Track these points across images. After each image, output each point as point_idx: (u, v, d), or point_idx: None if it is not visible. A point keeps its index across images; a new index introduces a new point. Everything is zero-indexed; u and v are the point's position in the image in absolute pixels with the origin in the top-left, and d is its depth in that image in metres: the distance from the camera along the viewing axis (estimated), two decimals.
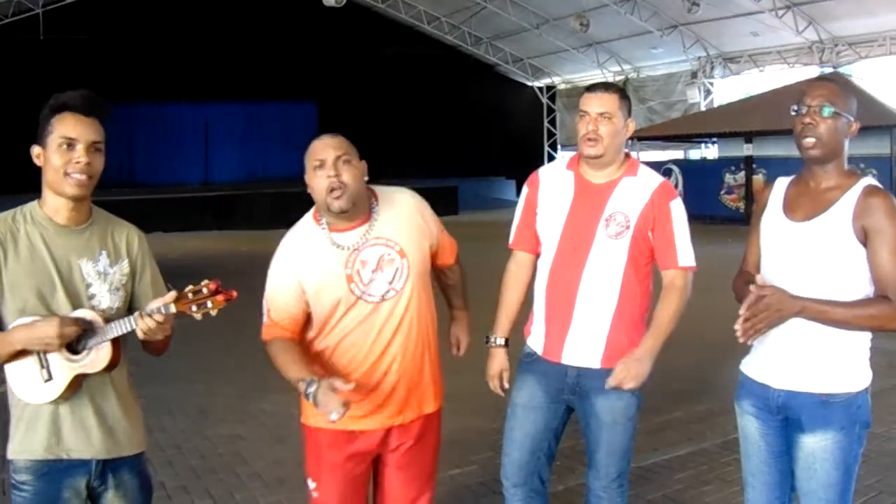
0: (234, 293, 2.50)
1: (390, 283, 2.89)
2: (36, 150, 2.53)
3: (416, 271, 2.94)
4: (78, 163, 2.47)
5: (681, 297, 3.18)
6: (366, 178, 2.90)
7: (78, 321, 2.45)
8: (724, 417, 5.75)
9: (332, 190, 2.76)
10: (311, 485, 3.04)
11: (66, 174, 2.48)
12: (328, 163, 2.77)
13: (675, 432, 5.73)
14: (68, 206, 2.55)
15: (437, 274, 3.26)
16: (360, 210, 2.88)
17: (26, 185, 2.75)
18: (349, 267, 2.85)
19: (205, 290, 2.44)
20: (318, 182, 2.79)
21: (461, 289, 3.36)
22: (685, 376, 6.82)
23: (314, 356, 2.95)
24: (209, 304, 2.43)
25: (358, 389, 2.85)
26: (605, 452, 3.23)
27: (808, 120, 2.72)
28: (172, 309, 2.43)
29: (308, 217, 2.97)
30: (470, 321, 3.38)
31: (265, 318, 2.95)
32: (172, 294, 2.45)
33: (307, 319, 2.95)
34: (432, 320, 3.08)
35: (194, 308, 2.43)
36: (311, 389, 2.68)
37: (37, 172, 2.56)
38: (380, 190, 3.01)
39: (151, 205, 20.09)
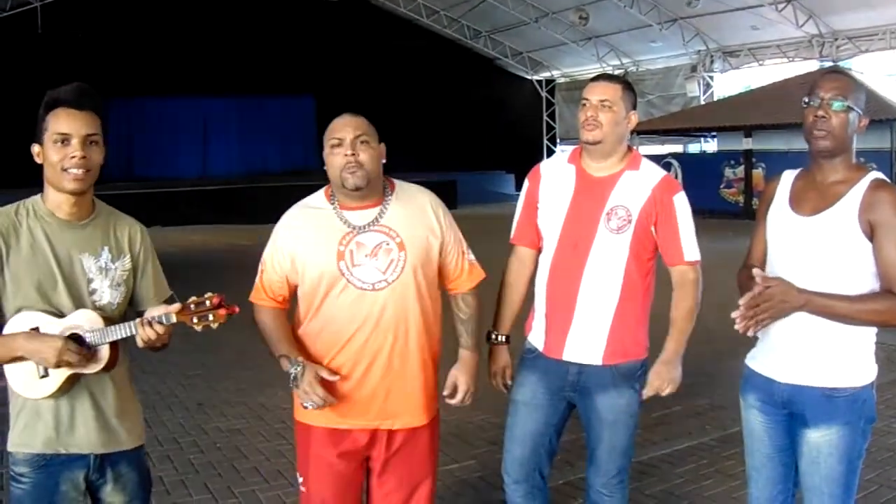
0: (237, 308, 2.51)
1: (383, 272, 2.83)
2: (35, 148, 2.53)
3: (415, 268, 2.87)
4: (73, 157, 2.46)
5: (695, 292, 3.17)
6: (383, 161, 2.92)
7: (82, 349, 2.44)
8: (725, 411, 5.76)
9: (347, 166, 2.77)
10: (300, 479, 3.02)
11: (64, 169, 2.47)
12: (346, 141, 2.79)
13: (674, 426, 5.73)
14: (69, 200, 2.54)
15: (451, 303, 3.15)
16: (372, 192, 2.88)
17: (25, 180, 2.74)
18: (343, 244, 2.83)
19: (207, 303, 2.45)
20: (334, 159, 2.81)
21: (474, 325, 3.15)
22: (685, 370, 6.74)
23: (300, 340, 2.94)
24: (210, 318, 2.44)
25: (341, 382, 2.84)
26: (607, 449, 3.22)
27: (820, 112, 2.69)
28: (173, 319, 2.44)
29: (320, 192, 2.98)
30: (477, 365, 3.15)
31: (257, 279, 2.98)
32: (177, 306, 2.45)
33: (293, 294, 2.96)
34: (434, 327, 3.00)
35: (195, 320, 2.44)
36: (296, 371, 2.76)
37: (35, 167, 2.56)
38: (399, 182, 3.01)
39: (150, 199, 20.02)
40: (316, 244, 2.85)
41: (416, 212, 2.95)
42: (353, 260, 2.82)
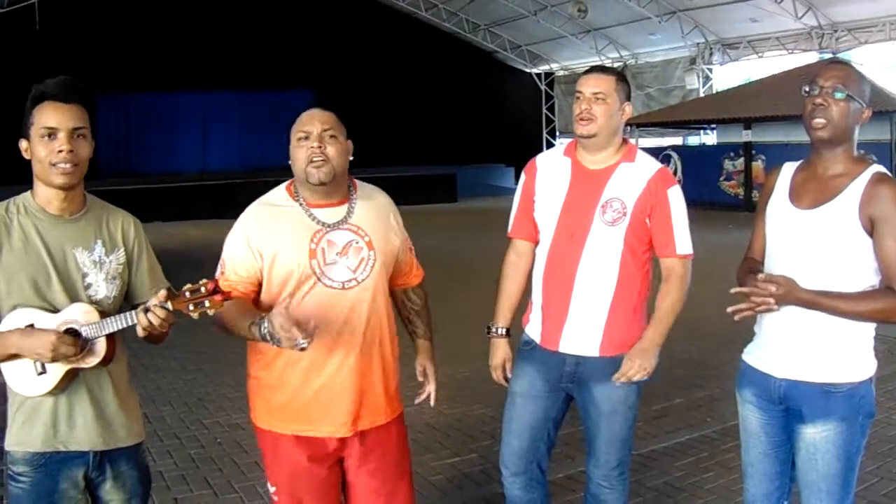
0: (233, 293, 2.46)
1: (354, 271, 2.77)
2: (23, 143, 2.51)
3: (382, 267, 2.83)
4: (60, 151, 2.44)
5: (681, 286, 3.16)
6: (351, 158, 2.81)
7: (77, 340, 2.42)
8: (724, 404, 5.76)
9: (312, 160, 2.69)
10: (271, 489, 2.89)
11: (52, 164, 2.45)
12: (313, 135, 2.71)
13: (674, 419, 5.73)
14: (59, 195, 2.52)
15: (399, 298, 3.12)
16: (338, 189, 2.80)
17: (22, 176, 2.72)
18: (314, 242, 2.73)
19: (202, 290, 2.40)
20: (300, 153, 2.72)
21: (426, 315, 3.17)
22: (685, 363, 6.81)
23: (263, 347, 2.75)
24: (206, 304, 2.39)
25: (307, 385, 2.76)
26: (605, 441, 3.22)
27: (819, 101, 2.66)
28: (169, 306, 2.40)
29: (280, 189, 2.86)
30: (434, 350, 3.19)
31: (217, 276, 2.76)
32: (163, 293, 2.40)
33: (257, 294, 2.80)
34: (391, 325, 2.93)
35: (191, 307, 2.39)
36: (265, 328, 2.51)
37: (30, 163, 2.54)
38: (358, 181, 2.93)
39: (149, 194, 20.02)
40: (287, 241, 2.73)
41: (379, 212, 2.91)
42: (324, 258, 2.74)
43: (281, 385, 2.80)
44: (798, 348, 2.72)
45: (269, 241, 2.74)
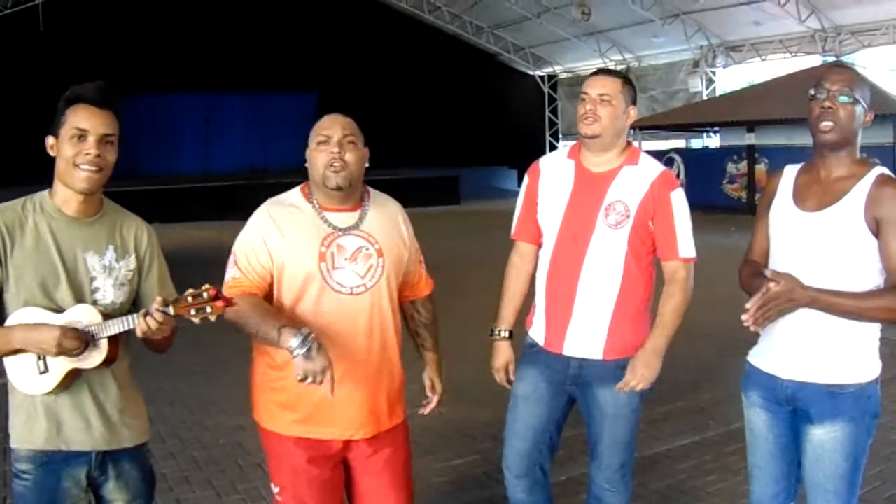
0: (235, 300, 2.48)
1: (362, 277, 2.78)
2: (50, 140, 2.51)
3: (390, 274, 2.84)
4: (88, 154, 2.45)
5: (684, 290, 3.15)
6: (366, 166, 2.85)
7: (81, 335, 2.42)
8: (728, 407, 5.75)
9: (331, 164, 2.71)
10: (275, 489, 2.88)
11: (76, 165, 2.46)
12: (333, 139, 2.73)
13: (678, 422, 5.72)
14: (78, 198, 2.53)
15: (408, 311, 3.13)
16: (353, 195, 2.83)
17: (26, 176, 2.72)
18: (325, 245, 2.75)
19: (205, 296, 2.40)
20: (319, 156, 2.74)
21: (434, 328, 3.18)
22: (688, 366, 6.80)
23: (270, 348, 2.75)
24: (208, 310, 2.40)
25: (314, 390, 2.63)
26: (608, 444, 3.22)
27: (827, 104, 2.67)
28: (171, 311, 2.40)
29: (296, 191, 2.87)
30: (441, 364, 3.20)
31: (232, 271, 2.77)
32: (159, 299, 2.40)
33: (270, 291, 2.79)
34: (397, 331, 2.94)
35: (193, 312, 2.40)
36: (307, 347, 2.48)
37: (37, 164, 2.54)
38: (371, 190, 2.96)
39: (152, 196, 20.00)
40: (297, 243, 2.75)
41: (390, 221, 2.93)
42: (333, 262, 2.75)
43: (286, 387, 2.78)
44: (805, 350, 2.72)
45: (281, 243, 2.75)
